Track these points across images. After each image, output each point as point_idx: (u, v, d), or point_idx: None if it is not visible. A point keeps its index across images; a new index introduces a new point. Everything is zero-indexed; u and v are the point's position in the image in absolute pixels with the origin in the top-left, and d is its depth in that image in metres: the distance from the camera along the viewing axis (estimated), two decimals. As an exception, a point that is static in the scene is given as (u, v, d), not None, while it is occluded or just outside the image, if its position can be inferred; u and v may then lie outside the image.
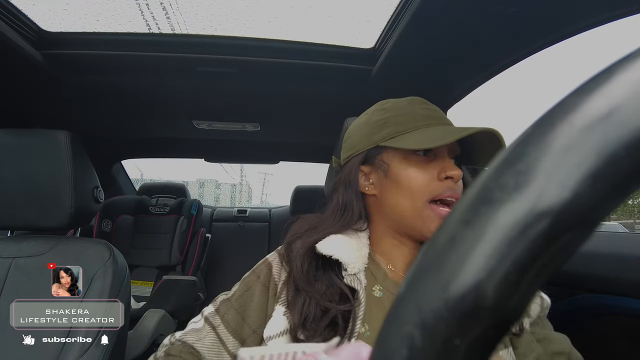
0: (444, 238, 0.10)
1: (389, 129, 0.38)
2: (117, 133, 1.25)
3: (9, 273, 0.60)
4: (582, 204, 0.08)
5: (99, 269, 0.60)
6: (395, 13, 0.61)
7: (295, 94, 0.90)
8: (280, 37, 0.73)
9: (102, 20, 0.70)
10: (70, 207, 0.62)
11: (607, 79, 0.09)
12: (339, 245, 0.36)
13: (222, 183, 16.18)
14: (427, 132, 0.36)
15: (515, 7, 0.51)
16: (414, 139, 0.36)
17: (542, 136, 0.09)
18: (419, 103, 0.40)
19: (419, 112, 0.38)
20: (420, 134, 0.36)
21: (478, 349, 0.09)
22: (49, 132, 0.65)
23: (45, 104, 0.94)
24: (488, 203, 0.09)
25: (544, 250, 0.08)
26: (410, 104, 0.40)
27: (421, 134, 0.36)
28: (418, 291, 0.10)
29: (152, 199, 1.58)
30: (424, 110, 0.39)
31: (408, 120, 0.38)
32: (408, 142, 0.36)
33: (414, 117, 0.38)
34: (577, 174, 0.08)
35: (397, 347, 0.09)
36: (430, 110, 0.39)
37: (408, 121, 0.38)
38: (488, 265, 0.09)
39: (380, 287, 0.37)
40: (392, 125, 0.38)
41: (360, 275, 0.36)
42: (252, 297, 0.38)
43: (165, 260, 1.45)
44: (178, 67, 0.78)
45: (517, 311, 0.09)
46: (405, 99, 0.41)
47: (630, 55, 0.09)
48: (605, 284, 0.53)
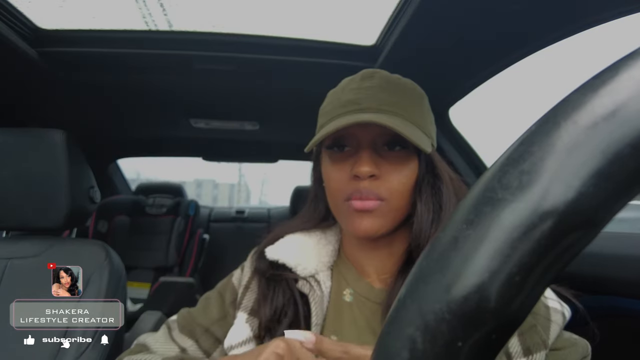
0: (446, 238, 0.09)
1: (319, 122, 0.35)
2: (113, 132, 1.24)
3: (4, 274, 0.59)
4: (587, 204, 0.08)
5: (95, 271, 0.59)
6: (396, 10, 0.61)
7: (294, 92, 0.89)
8: (279, 34, 0.72)
9: (98, 18, 0.69)
10: (66, 207, 0.62)
11: (611, 77, 0.09)
12: (290, 246, 0.34)
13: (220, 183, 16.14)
14: (329, 127, 0.31)
15: (517, 4, 0.51)
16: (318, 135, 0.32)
17: (546, 135, 0.09)
18: (355, 82, 0.34)
19: (342, 97, 0.33)
20: (325, 129, 0.32)
21: (481, 352, 0.09)
22: (44, 131, 0.64)
23: (41, 102, 0.93)
24: (491, 203, 0.09)
25: (548, 251, 0.08)
26: (345, 86, 0.34)
27: (325, 130, 0.32)
28: (419, 292, 0.09)
29: (149, 199, 1.57)
30: (350, 94, 0.33)
31: (330, 110, 0.34)
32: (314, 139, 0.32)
33: (335, 106, 0.33)
34: (582, 174, 0.08)
35: (398, 350, 0.09)
36: (357, 92, 0.33)
37: (330, 111, 0.34)
38: (491, 266, 0.08)
39: (350, 290, 0.34)
40: (322, 117, 0.35)
41: (320, 277, 0.34)
42: (209, 304, 0.37)
43: (162, 261, 1.45)
44: (175, 65, 0.77)
45: (520, 313, 0.09)
46: (348, 78, 0.35)
47: (635, 52, 0.09)
48: (609, 285, 0.53)
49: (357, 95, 0.33)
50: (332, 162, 0.33)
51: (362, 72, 0.35)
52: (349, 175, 0.32)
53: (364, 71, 0.35)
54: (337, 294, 0.34)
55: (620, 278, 0.52)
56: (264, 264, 0.35)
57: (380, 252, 0.35)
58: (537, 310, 0.31)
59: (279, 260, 0.34)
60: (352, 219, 0.32)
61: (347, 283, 0.35)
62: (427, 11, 0.54)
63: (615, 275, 0.52)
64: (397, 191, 0.31)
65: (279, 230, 0.38)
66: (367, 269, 0.35)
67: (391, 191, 0.31)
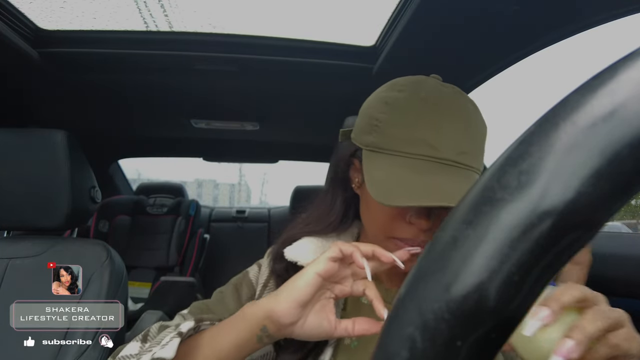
0: (445, 238, 0.09)
1: (374, 137, 0.31)
2: (114, 132, 1.24)
3: (5, 274, 0.59)
4: (585, 204, 0.08)
5: (96, 270, 0.59)
6: (396, 11, 0.61)
7: (295, 93, 0.89)
8: (279, 35, 0.72)
9: (99, 18, 0.69)
10: (67, 207, 0.62)
11: (610, 77, 0.09)
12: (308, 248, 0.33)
13: (220, 183, 16.16)
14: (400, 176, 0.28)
15: (517, 5, 0.51)
16: (382, 174, 0.29)
17: (545, 135, 0.09)
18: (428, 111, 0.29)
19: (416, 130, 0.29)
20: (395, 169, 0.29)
21: (480, 351, 0.09)
22: (46, 131, 0.64)
23: (42, 103, 0.93)
24: (490, 203, 0.09)
25: (547, 250, 0.08)
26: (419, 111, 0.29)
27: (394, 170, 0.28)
28: (419, 292, 0.09)
29: (150, 199, 1.57)
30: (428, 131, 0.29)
31: (395, 136, 0.29)
32: (375, 173, 0.29)
33: (404, 136, 0.29)
34: (580, 174, 0.08)
35: (398, 349, 0.09)
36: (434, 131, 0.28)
37: (395, 137, 0.29)
38: (490, 265, 0.08)
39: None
40: (379, 134, 0.30)
41: None
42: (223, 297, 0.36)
43: (163, 261, 1.45)
44: (176, 65, 0.77)
45: (519, 313, 0.09)
46: (418, 97, 0.30)
47: (634, 53, 0.09)
48: (609, 285, 0.53)
49: (436, 136, 0.29)
50: None
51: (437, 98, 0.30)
52: (404, 218, 0.30)
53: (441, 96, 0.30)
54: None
55: (620, 278, 0.52)
56: (280, 265, 0.35)
57: None
58: None
59: (298, 262, 0.33)
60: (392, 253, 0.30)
61: None
62: (427, 12, 0.55)
63: (615, 275, 0.52)
64: None
65: (294, 231, 0.36)
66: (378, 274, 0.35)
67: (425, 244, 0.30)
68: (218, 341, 0.27)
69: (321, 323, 0.27)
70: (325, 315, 0.27)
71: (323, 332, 0.27)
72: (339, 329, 0.27)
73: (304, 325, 0.26)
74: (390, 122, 0.31)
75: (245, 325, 0.27)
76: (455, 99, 0.31)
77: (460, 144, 0.30)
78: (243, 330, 0.27)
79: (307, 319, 0.27)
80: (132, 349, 0.28)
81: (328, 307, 0.28)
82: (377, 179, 0.29)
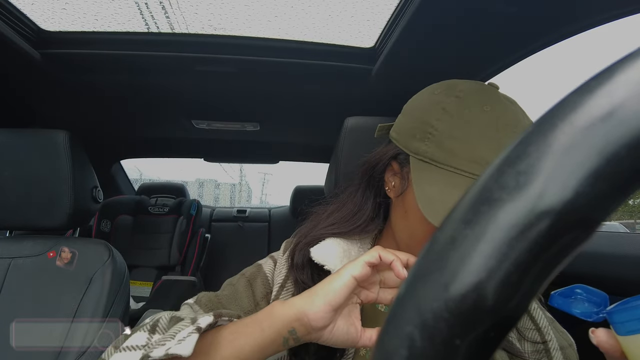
0: (444, 238, 0.10)
1: (429, 146, 0.28)
2: (116, 133, 1.25)
3: (7, 273, 0.60)
4: (583, 204, 0.08)
5: (98, 269, 0.60)
6: (395, 12, 0.61)
7: (295, 94, 0.90)
8: (279, 36, 0.72)
9: (101, 20, 0.69)
10: (69, 207, 0.62)
11: (608, 78, 0.09)
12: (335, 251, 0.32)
13: (221, 183, 16.16)
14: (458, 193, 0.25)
15: (516, 6, 0.50)
16: (435, 191, 0.26)
17: (543, 136, 0.09)
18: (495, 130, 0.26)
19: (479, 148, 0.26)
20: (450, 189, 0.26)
21: (478, 350, 0.09)
22: (48, 132, 0.64)
23: (44, 103, 0.93)
24: (489, 203, 0.09)
25: (545, 250, 0.08)
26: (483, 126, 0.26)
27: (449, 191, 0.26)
28: (418, 291, 0.09)
29: (152, 199, 1.58)
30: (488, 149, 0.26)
31: (457, 151, 0.27)
32: (428, 188, 0.27)
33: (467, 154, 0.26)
34: (578, 174, 0.08)
35: (397, 348, 0.09)
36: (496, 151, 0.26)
37: (456, 151, 0.27)
38: (489, 265, 0.09)
39: None
40: (435, 144, 0.28)
41: None
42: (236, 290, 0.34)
43: (165, 260, 1.45)
44: (177, 67, 0.77)
45: (518, 312, 0.09)
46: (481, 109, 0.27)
47: (632, 54, 0.09)
48: (606, 284, 0.53)
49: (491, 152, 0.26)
50: None
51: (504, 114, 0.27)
52: None
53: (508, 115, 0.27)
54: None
55: (620, 278, 0.51)
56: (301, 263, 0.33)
57: None
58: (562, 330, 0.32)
59: (325, 266, 0.31)
60: None
61: None
62: (426, 14, 0.55)
63: (615, 275, 0.52)
64: None
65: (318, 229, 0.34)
66: None
67: None
68: (239, 340, 0.25)
69: (349, 329, 0.26)
70: (352, 321, 0.26)
71: (350, 339, 0.26)
72: (364, 337, 0.26)
73: (332, 331, 0.25)
74: (449, 133, 0.27)
75: (273, 326, 0.25)
76: (520, 118, 0.28)
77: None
78: (269, 330, 0.25)
79: (337, 324, 0.26)
80: (138, 340, 0.25)
81: (354, 313, 0.27)
82: (429, 195, 0.26)
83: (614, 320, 0.17)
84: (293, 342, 0.25)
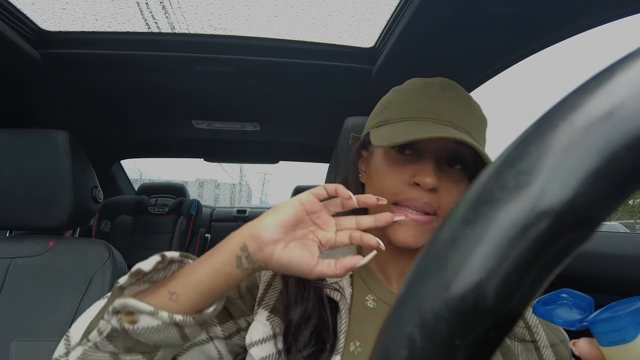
0: (444, 237, 0.10)
1: (382, 115, 0.34)
2: (116, 133, 1.25)
3: (7, 273, 0.60)
4: (583, 204, 0.08)
5: (98, 269, 0.60)
6: (395, 12, 0.61)
7: (295, 94, 0.90)
8: (279, 36, 0.73)
9: (101, 20, 0.69)
10: (69, 207, 0.62)
11: (608, 78, 0.09)
12: None
13: (221, 183, 16.16)
14: (401, 127, 0.31)
15: (515, 6, 0.51)
16: (385, 133, 0.32)
17: (543, 136, 0.09)
18: (431, 89, 0.33)
19: (418, 101, 0.33)
20: (396, 128, 0.32)
21: (478, 350, 0.09)
22: (48, 132, 0.64)
23: (44, 103, 0.94)
24: (489, 203, 0.09)
25: (545, 250, 0.08)
26: (422, 89, 0.34)
27: (396, 129, 0.31)
28: (418, 291, 0.09)
29: (152, 199, 1.58)
30: (429, 102, 0.32)
31: (401, 109, 0.33)
32: (377, 135, 0.32)
33: (409, 107, 0.33)
34: (578, 174, 0.08)
35: (397, 348, 0.09)
36: (437, 102, 0.32)
37: (401, 109, 0.33)
38: (489, 265, 0.09)
39: (373, 296, 0.33)
40: (388, 111, 0.34)
41: (343, 283, 0.33)
42: None
43: (165, 260, 1.45)
44: (177, 67, 0.78)
45: (517, 312, 0.09)
46: (423, 81, 0.35)
47: (632, 54, 0.09)
48: (606, 284, 0.53)
49: (437, 105, 0.32)
50: (390, 162, 0.33)
51: (440, 81, 0.35)
52: (408, 181, 0.31)
53: (443, 80, 0.35)
54: (358, 300, 0.33)
55: (620, 278, 0.52)
56: None
57: (404, 257, 0.34)
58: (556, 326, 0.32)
59: None
60: (396, 227, 0.31)
61: (369, 289, 0.34)
62: (426, 13, 0.55)
63: (615, 275, 0.52)
64: (449, 207, 0.31)
65: None
66: (390, 274, 0.35)
67: (446, 208, 0.31)
68: (198, 268, 0.26)
69: (303, 253, 0.26)
70: (309, 249, 0.26)
71: (304, 262, 0.25)
72: (322, 264, 0.26)
73: (284, 249, 0.25)
74: (398, 99, 0.34)
75: (226, 246, 0.26)
76: (457, 85, 0.35)
77: (461, 118, 0.32)
78: (223, 251, 0.26)
79: (289, 244, 0.26)
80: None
81: (312, 246, 0.27)
82: (380, 134, 0.32)
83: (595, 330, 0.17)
84: (246, 263, 0.25)
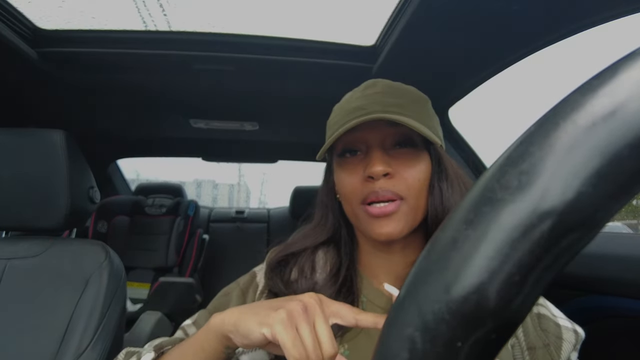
0: (445, 238, 0.09)
1: (327, 134, 0.36)
2: (113, 132, 1.24)
3: (4, 274, 0.59)
4: (586, 204, 0.08)
5: (94, 271, 0.59)
6: (396, 10, 0.61)
7: (294, 92, 0.89)
8: (279, 34, 0.72)
9: (98, 18, 0.69)
10: (66, 207, 0.61)
11: (611, 77, 0.09)
12: None
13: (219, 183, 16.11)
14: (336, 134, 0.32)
15: (517, 4, 0.51)
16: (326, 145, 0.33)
17: (545, 135, 0.09)
18: (358, 91, 0.35)
19: (347, 107, 0.34)
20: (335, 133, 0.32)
21: (480, 352, 0.09)
22: (44, 131, 0.64)
23: (40, 102, 0.93)
24: (491, 203, 0.09)
25: (548, 251, 0.08)
26: (349, 97, 0.35)
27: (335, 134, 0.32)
28: (419, 293, 0.09)
29: (149, 200, 1.57)
30: (355, 102, 0.33)
31: (338, 120, 0.34)
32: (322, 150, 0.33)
33: (342, 116, 0.34)
34: (580, 174, 0.08)
35: (398, 350, 0.09)
36: (361, 100, 0.33)
37: (338, 121, 0.34)
38: (491, 266, 0.08)
39: (364, 298, 0.34)
40: (329, 129, 0.36)
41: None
42: (229, 301, 0.36)
43: (162, 261, 1.44)
44: (175, 65, 0.77)
45: (520, 313, 0.09)
46: (351, 91, 0.36)
47: (635, 52, 0.09)
48: (608, 285, 0.53)
49: (362, 102, 0.33)
50: (344, 167, 0.34)
51: (364, 83, 0.36)
52: (363, 177, 0.32)
53: (367, 81, 0.36)
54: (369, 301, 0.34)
55: (620, 278, 0.52)
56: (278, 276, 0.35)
57: (393, 257, 0.35)
58: (548, 327, 0.31)
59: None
60: (371, 224, 0.31)
61: (360, 291, 0.34)
62: (427, 11, 0.55)
63: (615, 275, 0.52)
64: (414, 187, 0.31)
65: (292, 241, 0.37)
66: (380, 276, 0.35)
67: (408, 188, 0.31)
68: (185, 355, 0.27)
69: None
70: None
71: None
72: None
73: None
74: (334, 115, 0.36)
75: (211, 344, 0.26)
76: (381, 80, 0.35)
77: (387, 102, 0.32)
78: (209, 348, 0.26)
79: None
80: None
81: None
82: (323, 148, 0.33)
83: None
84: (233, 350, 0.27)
